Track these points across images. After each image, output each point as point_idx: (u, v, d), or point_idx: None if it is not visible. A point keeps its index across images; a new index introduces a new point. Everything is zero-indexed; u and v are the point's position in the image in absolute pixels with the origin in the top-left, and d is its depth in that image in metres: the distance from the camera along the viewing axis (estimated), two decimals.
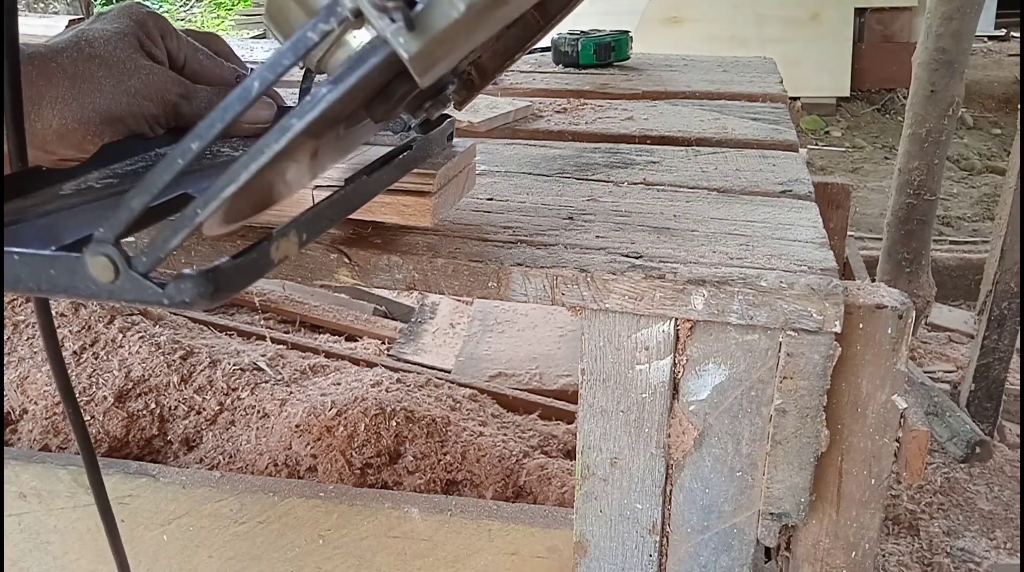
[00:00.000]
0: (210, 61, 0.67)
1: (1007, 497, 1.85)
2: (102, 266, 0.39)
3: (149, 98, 0.60)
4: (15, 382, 1.08)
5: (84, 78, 0.57)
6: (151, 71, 0.60)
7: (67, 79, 0.56)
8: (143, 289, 0.39)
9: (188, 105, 0.63)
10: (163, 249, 0.39)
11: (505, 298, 0.58)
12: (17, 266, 0.40)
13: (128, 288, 0.39)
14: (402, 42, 0.35)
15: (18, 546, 0.82)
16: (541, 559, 0.72)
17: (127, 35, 0.60)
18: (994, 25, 5.38)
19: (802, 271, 0.56)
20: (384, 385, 1.12)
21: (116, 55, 0.59)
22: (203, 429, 1.09)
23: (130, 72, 0.59)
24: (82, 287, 0.40)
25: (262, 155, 0.38)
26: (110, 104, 0.58)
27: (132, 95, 0.59)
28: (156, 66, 0.61)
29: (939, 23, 1.92)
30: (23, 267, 0.40)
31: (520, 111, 0.99)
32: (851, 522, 0.61)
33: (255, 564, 0.79)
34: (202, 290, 0.39)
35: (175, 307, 0.40)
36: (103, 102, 0.58)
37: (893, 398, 0.57)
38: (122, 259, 0.39)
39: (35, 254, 0.40)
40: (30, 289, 0.41)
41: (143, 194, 0.38)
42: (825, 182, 1.07)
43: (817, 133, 4.52)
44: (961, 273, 2.71)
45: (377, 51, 0.36)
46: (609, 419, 0.60)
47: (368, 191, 0.54)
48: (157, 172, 0.38)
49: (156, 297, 0.39)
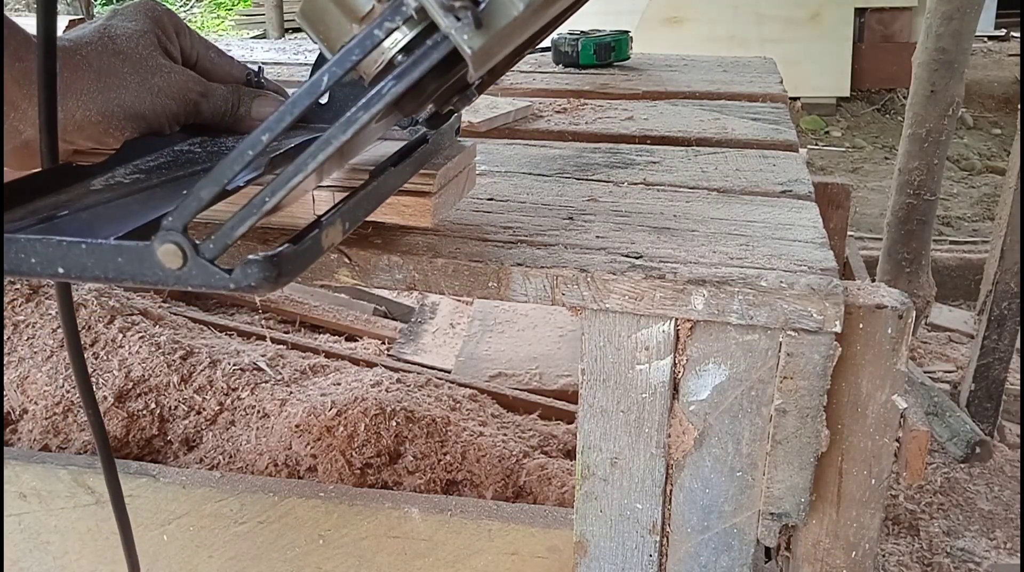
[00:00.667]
0: (221, 59, 0.67)
1: (1007, 497, 1.85)
2: (171, 253, 0.40)
3: (171, 96, 0.61)
4: (15, 382, 1.08)
5: (110, 73, 0.58)
6: (172, 70, 0.61)
7: (93, 72, 0.57)
8: (210, 275, 0.41)
9: (206, 103, 0.63)
10: (230, 236, 0.40)
11: (505, 298, 0.58)
12: (84, 255, 0.41)
13: (195, 274, 0.41)
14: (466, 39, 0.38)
15: (18, 546, 0.82)
16: (541, 559, 0.72)
17: (147, 33, 0.61)
18: (994, 25, 5.38)
19: (802, 271, 0.56)
20: (384, 385, 1.12)
21: (139, 52, 0.60)
22: (203, 429, 1.09)
23: (153, 70, 0.60)
24: (149, 274, 0.41)
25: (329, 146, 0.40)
26: (134, 101, 0.59)
27: (155, 93, 0.60)
28: (176, 65, 0.62)
29: (939, 23, 1.92)
30: (90, 256, 0.41)
31: (520, 111, 0.99)
32: (851, 522, 0.61)
33: (255, 564, 0.79)
34: (267, 274, 0.41)
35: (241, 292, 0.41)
36: (128, 98, 0.58)
37: (893, 398, 0.57)
38: (190, 246, 0.40)
39: (102, 244, 0.41)
40: (96, 278, 0.42)
41: (212, 184, 0.40)
42: (825, 182, 1.07)
43: (817, 133, 4.52)
44: (961, 273, 2.71)
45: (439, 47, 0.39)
46: (609, 419, 0.60)
47: (392, 184, 0.55)
48: (227, 163, 0.40)
49: (223, 282, 0.41)
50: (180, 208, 0.40)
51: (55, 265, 0.42)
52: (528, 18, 0.39)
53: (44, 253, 0.42)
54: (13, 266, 0.42)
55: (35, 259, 0.42)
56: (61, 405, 1.06)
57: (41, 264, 0.42)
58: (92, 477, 0.79)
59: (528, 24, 0.41)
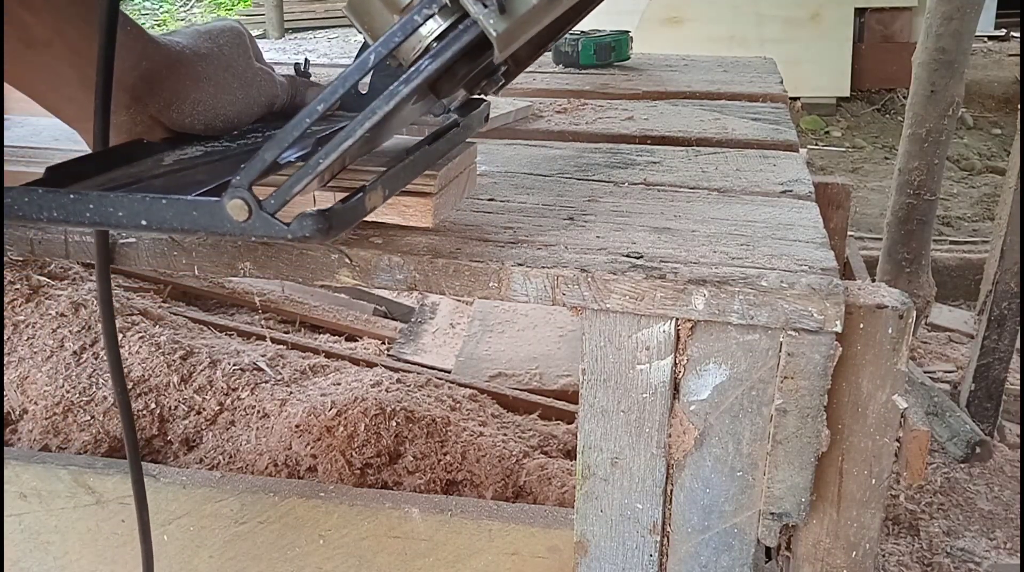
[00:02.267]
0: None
1: (1007, 497, 1.85)
2: (238, 207, 0.46)
3: (261, 104, 0.67)
4: (15, 382, 1.08)
5: (224, 89, 0.64)
6: (265, 79, 0.67)
7: (211, 86, 0.63)
8: (271, 226, 0.47)
9: (279, 99, 0.70)
10: (288, 193, 0.47)
11: (506, 298, 0.58)
12: (164, 209, 0.48)
13: (259, 226, 0.47)
14: (492, 23, 0.44)
15: (18, 546, 0.82)
16: (541, 559, 0.72)
17: (248, 50, 0.67)
18: (994, 25, 5.38)
19: (803, 271, 0.56)
20: (384, 385, 1.12)
21: (243, 65, 0.66)
22: (203, 429, 1.09)
23: (251, 82, 0.66)
24: (219, 226, 0.47)
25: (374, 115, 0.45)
26: (237, 114, 0.65)
27: (251, 103, 0.66)
28: (265, 70, 0.68)
29: (939, 23, 1.92)
30: (169, 210, 0.48)
31: (520, 111, 0.99)
32: (851, 522, 0.61)
33: (255, 564, 0.79)
34: (320, 226, 0.47)
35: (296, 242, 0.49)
36: (232, 112, 0.65)
37: (893, 398, 0.57)
38: (254, 201, 0.46)
39: (181, 199, 0.48)
40: (173, 229, 0.49)
41: (275, 148, 0.46)
42: (825, 182, 1.07)
43: (817, 133, 4.52)
44: (961, 273, 2.71)
45: (469, 31, 0.45)
46: (610, 419, 0.60)
47: (426, 161, 0.60)
48: (287, 129, 0.45)
49: (282, 233, 0.47)
50: (247, 168, 0.46)
51: (139, 218, 0.48)
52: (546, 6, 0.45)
53: (131, 207, 0.48)
54: (103, 218, 0.49)
55: (122, 213, 0.48)
56: (61, 405, 1.06)
57: (128, 217, 0.48)
58: (92, 477, 0.79)
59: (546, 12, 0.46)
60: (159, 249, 0.63)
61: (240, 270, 0.61)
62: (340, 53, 1.50)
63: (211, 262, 0.62)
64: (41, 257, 0.72)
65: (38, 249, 0.65)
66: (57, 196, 0.49)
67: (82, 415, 1.06)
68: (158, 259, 0.63)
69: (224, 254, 0.61)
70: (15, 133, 0.81)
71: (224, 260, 0.62)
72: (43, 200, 0.50)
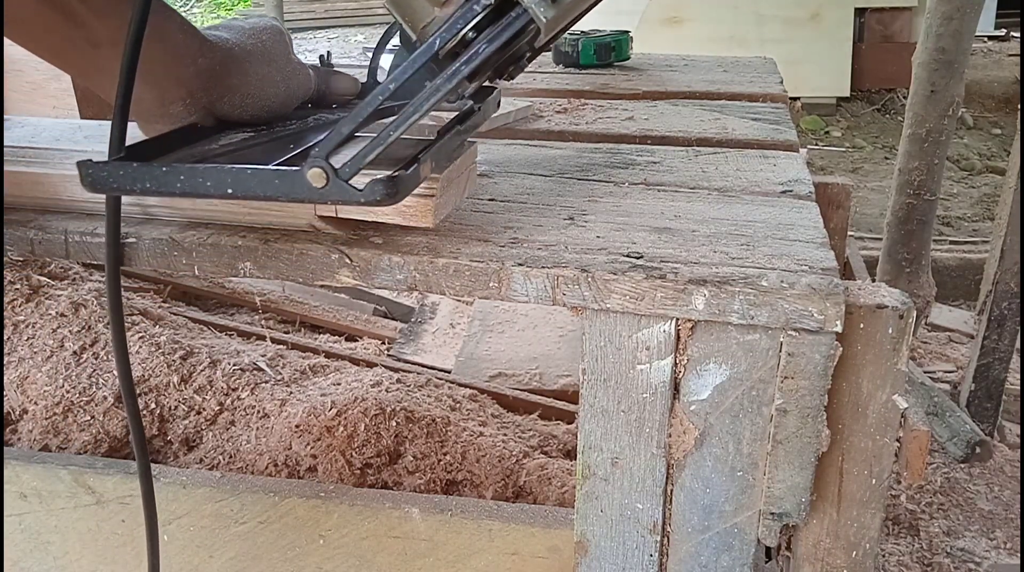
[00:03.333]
0: None
1: (1007, 497, 1.85)
2: (317, 175, 0.51)
3: (298, 96, 0.71)
4: (15, 382, 1.08)
5: (269, 84, 0.68)
6: (302, 73, 0.71)
7: (258, 81, 0.67)
8: (346, 191, 0.51)
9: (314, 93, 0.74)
10: (361, 162, 0.51)
11: (506, 298, 0.58)
12: (249, 178, 0.53)
13: (335, 191, 0.51)
14: (542, 10, 0.49)
15: (18, 546, 0.82)
16: (541, 559, 0.72)
17: (288, 46, 0.71)
18: (994, 25, 5.38)
19: (803, 271, 0.56)
20: (384, 385, 1.12)
21: (284, 59, 0.70)
22: (203, 429, 1.08)
23: (291, 76, 0.70)
24: (299, 192, 0.52)
25: (438, 92, 0.50)
26: (279, 107, 0.70)
27: (290, 96, 0.70)
28: (304, 66, 0.72)
29: (939, 23, 1.92)
30: (253, 178, 0.53)
31: (520, 111, 0.99)
32: (852, 522, 0.61)
33: (255, 564, 0.79)
34: (389, 190, 0.51)
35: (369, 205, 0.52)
36: (274, 105, 0.69)
37: (894, 398, 0.57)
38: (331, 170, 0.51)
39: (264, 168, 0.53)
40: (256, 195, 0.53)
41: (350, 123, 0.51)
42: (825, 182, 1.07)
43: (817, 133, 4.52)
44: (961, 273, 2.71)
45: (520, 18, 0.50)
46: (610, 419, 0.60)
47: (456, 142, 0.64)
48: (363, 105, 0.51)
49: (356, 197, 0.52)
50: (325, 140, 0.51)
51: (225, 186, 0.53)
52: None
53: (217, 177, 0.53)
54: (192, 188, 0.54)
55: (210, 182, 0.53)
56: (61, 405, 1.06)
57: (215, 186, 0.53)
58: (92, 477, 0.79)
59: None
60: (159, 249, 0.62)
61: (240, 270, 0.61)
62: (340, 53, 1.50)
63: (211, 262, 0.62)
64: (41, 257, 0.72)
65: (38, 249, 0.65)
66: (151, 168, 0.54)
67: (82, 415, 1.06)
68: (158, 259, 0.63)
69: (224, 254, 0.61)
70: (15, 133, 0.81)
71: (224, 260, 0.62)
72: (137, 173, 0.54)
